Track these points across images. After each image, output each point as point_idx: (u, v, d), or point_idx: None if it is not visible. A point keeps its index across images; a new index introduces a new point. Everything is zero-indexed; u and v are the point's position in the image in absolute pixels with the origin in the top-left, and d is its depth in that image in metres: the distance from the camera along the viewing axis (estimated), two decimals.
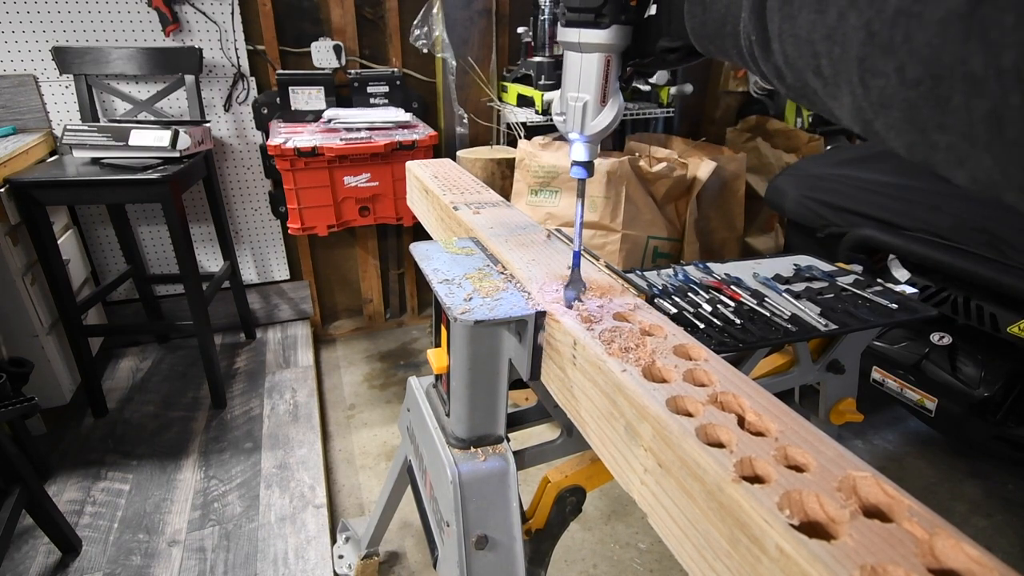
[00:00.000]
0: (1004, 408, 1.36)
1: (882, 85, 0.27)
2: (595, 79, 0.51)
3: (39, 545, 1.36)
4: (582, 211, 0.59)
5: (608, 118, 0.53)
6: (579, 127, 0.54)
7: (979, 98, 0.23)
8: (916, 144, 0.27)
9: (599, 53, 0.50)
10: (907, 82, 0.26)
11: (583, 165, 0.56)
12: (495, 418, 0.72)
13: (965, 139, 0.24)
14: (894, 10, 0.25)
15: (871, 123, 0.29)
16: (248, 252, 2.26)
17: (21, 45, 1.77)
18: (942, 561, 0.31)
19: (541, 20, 1.84)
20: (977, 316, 1.36)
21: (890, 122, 0.28)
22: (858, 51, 0.28)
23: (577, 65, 0.52)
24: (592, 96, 0.52)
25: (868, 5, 0.27)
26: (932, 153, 0.27)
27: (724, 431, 0.41)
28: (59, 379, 1.71)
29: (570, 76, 0.53)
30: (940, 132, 0.25)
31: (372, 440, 1.82)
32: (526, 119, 1.88)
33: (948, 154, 0.26)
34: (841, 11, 0.28)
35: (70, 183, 1.52)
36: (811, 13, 0.30)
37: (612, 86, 0.52)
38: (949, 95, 0.24)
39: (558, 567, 1.40)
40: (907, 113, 0.26)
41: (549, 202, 1.80)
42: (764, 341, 0.80)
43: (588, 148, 0.55)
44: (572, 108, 0.53)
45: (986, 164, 0.24)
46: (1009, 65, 0.21)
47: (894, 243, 1.45)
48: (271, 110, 2.03)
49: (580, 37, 0.49)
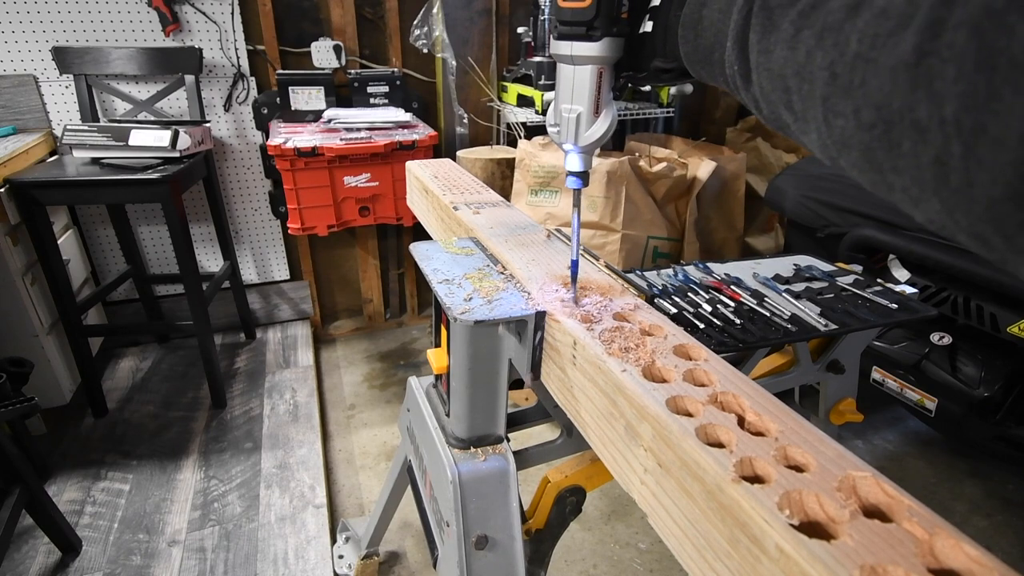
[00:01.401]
0: (1004, 408, 1.36)
1: (842, 125, 0.28)
2: (588, 91, 0.51)
3: (39, 545, 1.36)
4: (579, 220, 0.59)
5: (602, 129, 0.53)
6: (573, 138, 0.54)
7: (925, 145, 0.23)
8: (876, 182, 0.28)
9: (592, 65, 0.50)
10: (862, 125, 0.26)
11: (578, 175, 0.56)
12: (495, 418, 0.72)
13: (915, 183, 0.25)
14: (853, 54, 0.26)
15: (836, 160, 0.30)
16: (248, 252, 2.26)
17: (21, 45, 1.77)
18: (942, 561, 0.31)
19: (541, 20, 1.84)
20: (977, 316, 1.36)
21: (852, 160, 0.29)
22: (822, 90, 0.28)
23: (570, 77, 0.52)
24: (585, 107, 0.52)
25: (833, 46, 0.27)
26: (890, 192, 0.27)
27: (724, 431, 0.41)
28: (59, 379, 1.71)
29: (563, 88, 0.53)
30: (894, 174, 0.26)
31: (372, 440, 1.82)
32: (526, 119, 1.88)
33: (904, 195, 0.26)
34: (809, 50, 0.29)
35: (70, 183, 1.52)
36: (784, 50, 0.31)
37: (605, 97, 0.52)
38: (899, 141, 0.24)
39: (558, 567, 1.40)
40: (865, 154, 0.27)
41: (549, 202, 1.80)
42: (764, 341, 0.80)
43: (582, 158, 0.55)
44: (566, 119, 0.54)
45: (936, 208, 0.25)
46: (950, 116, 0.22)
47: (894, 243, 1.45)
48: (271, 110, 2.03)
49: (572, 50, 0.50)
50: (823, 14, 0.28)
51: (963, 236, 0.25)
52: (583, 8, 0.47)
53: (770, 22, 0.32)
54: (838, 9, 0.27)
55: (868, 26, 0.25)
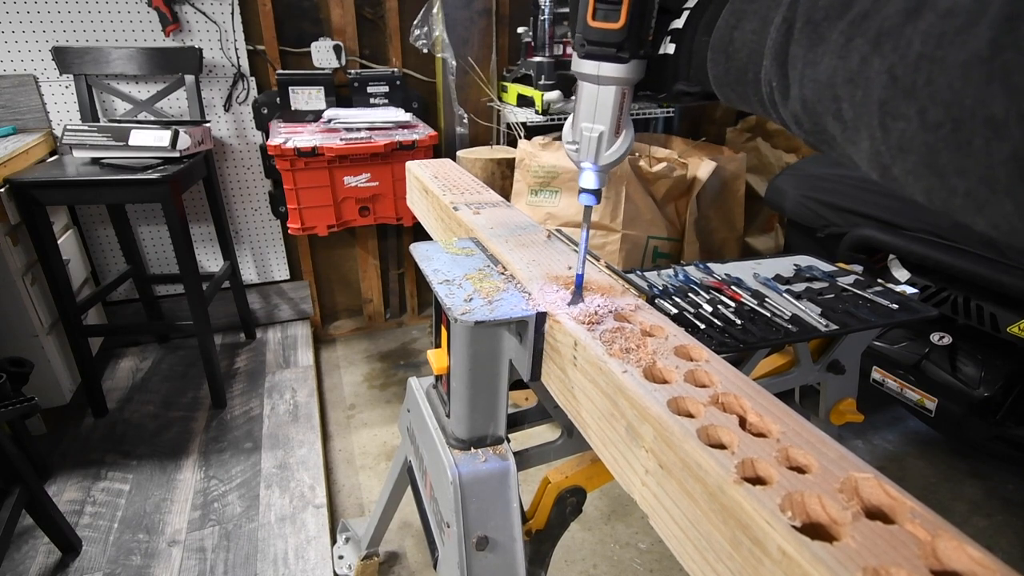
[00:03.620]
0: (1004, 408, 1.36)
1: (902, 128, 0.27)
2: (611, 111, 0.51)
3: (39, 545, 1.36)
4: (587, 237, 0.59)
5: (622, 149, 0.53)
6: (593, 157, 0.53)
7: (1000, 141, 0.23)
8: (934, 189, 0.27)
9: (616, 86, 0.50)
10: (928, 126, 0.26)
11: (592, 192, 0.56)
12: (495, 419, 0.72)
13: (984, 183, 0.24)
14: (917, 55, 0.26)
15: (889, 168, 0.29)
16: (248, 252, 2.26)
17: (21, 45, 1.77)
18: (944, 563, 0.31)
19: (541, 20, 1.84)
20: (977, 316, 1.36)
21: (908, 167, 0.28)
22: (880, 95, 0.28)
23: (593, 96, 0.51)
24: (607, 127, 0.52)
25: (892, 50, 0.27)
26: (951, 198, 0.27)
27: (726, 432, 0.41)
28: (59, 379, 1.71)
29: (585, 107, 0.52)
30: (959, 177, 0.25)
31: (372, 440, 1.82)
32: (526, 119, 1.88)
33: (967, 200, 0.26)
34: (864, 56, 0.29)
35: (70, 183, 1.52)
36: (833, 59, 0.30)
37: (626, 117, 0.52)
38: (970, 139, 0.24)
39: (558, 567, 1.40)
40: (926, 157, 0.27)
41: (549, 202, 1.80)
42: (765, 342, 0.80)
43: (599, 176, 0.55)
44: (586, 138, 0.53)
45: (1007, 209, 0.24)
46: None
47: (894, 243, 1.45)
48: (271, 110, 2.03)
49: (599, 70, 0.49)
50: (878, 20, 0.28)
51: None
52: (616, 29, 0.46)
53: (816, 35, 0.32)
54: (896, 14, 0.27)
55: (932, 27, 0.25)
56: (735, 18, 0.40)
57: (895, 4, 0.27)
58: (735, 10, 0.40)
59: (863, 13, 0.29)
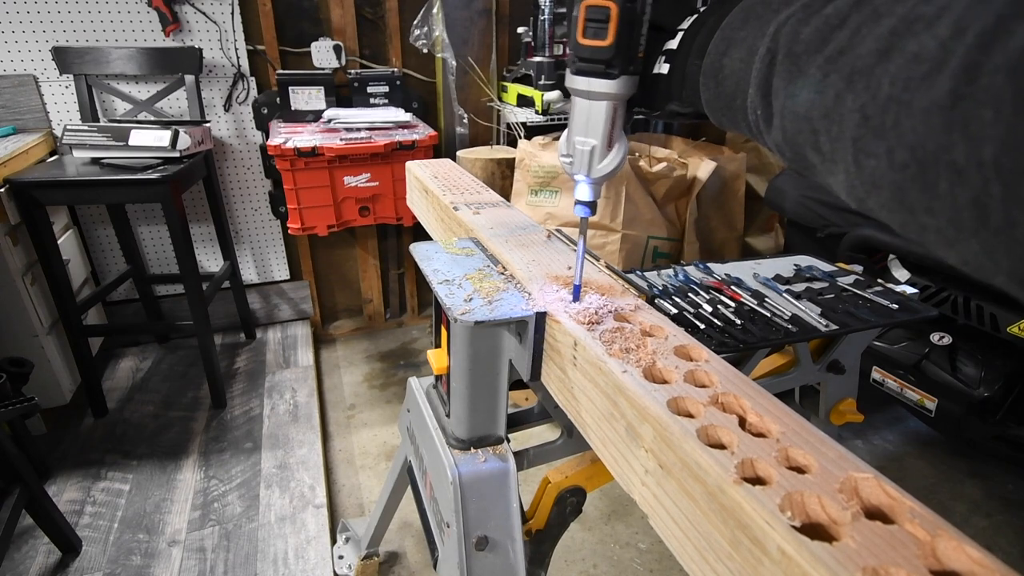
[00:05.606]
0: (1004, 408, 1.36)
1: (873, 165, 0.28)
2: (603, 125, 0.52)
3: (39, 545, 1.36)
4: (584, 246, 0.60)
5: (615, 162, 0.54)
6: (586, 170, 0.55)
7: (962, 187, 0.23)
8: (907, 223, 0.28)
9: (607, 101, 0.51)
10: (895, 166, 0.26)
11: (587, 204, 0.57)
12: (495, 419, 0.72)
13: (952, 224, 0.25)
14: (886, 96, 0.26)
15: (864, 200, 0.30)
16: (248, 252, 2.26)
17: (21, 45, 1.77)
18: (944, 563, 0.31)
19: (541, 20, 1.84)
20: (977, 316, 1.36)
21: (882, 201, 0.29)
22: (853, 132, 0.28)
23: (585, 111, 0.53)
24: (599, 141, 0.53)
25: (864, 89, 0.27)
26: (923, 233, 0.27)
27: (725, 432, 0.41)
28: (59, 379, 1.71)
29: (578, 121, 0.54)
30: (928, 215, 0.26)
31: (372, 440, 1.82)
32: (526, 119, 1.88)
33: (937, 236, 0.26)
34: (839, 93, 0.29)
35: (70, 183, 1.52)
36: (811, 93, 0.31)
37: (618, 131, 0.53)
38: (935, 181, 0.24)
39: (558, 567, 1.40)
40: (897, 194, 0.27)
41: (549, 202, 1.80)
42: (765, 342, 0.80)
43: (592, 188, 0.56)
44: (579, 152, 0.54)
45: (974, 249, 0.25)
46: (989, 158, 0.22)
47: (894, 243, 1.45)
48: (271, 110, 2.03)
49: (590, 86, 0.51)
50: (852, 59, 0.28)
51: (1003, 278, 0.24)
52: (604, 47, 0.47)
53: (796, 68, 0.32)
54: (868, 54, 0.28)
55: (900, 70, 0.25)
56: (724, 45, 0.40)
57: (868, 44, 0.28)
58: (725, 37, 0.40)
59: (840, 49, 0.29)
